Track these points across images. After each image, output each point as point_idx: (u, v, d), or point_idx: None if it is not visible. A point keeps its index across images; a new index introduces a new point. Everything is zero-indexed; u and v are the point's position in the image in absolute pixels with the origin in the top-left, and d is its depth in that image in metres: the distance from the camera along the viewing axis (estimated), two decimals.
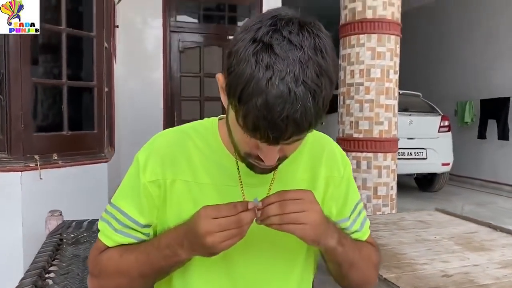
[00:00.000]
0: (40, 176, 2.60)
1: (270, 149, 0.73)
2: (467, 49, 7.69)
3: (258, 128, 0.66)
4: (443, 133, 6.24)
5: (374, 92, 3.09)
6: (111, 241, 0.88)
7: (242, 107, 0.66)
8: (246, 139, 0.73)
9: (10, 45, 2.51)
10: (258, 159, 0.76)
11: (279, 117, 0.64)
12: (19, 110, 2.55)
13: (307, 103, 0.64)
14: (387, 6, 3.06)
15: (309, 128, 0.68)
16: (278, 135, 0.67)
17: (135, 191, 0.88)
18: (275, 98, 0.63)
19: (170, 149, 0.88)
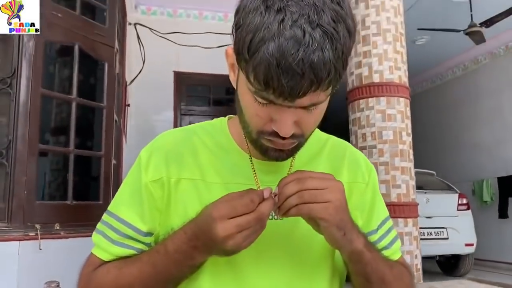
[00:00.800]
0: (39, 247, 2.46)
1: (284, 114, 0.64)
2: (474, 128, 7.73)
3: (271, 78, 0.58)
4: (463, 211, 6.01)
5: (388, 155, 3.00)
6: (107, 254, 0.77)
7: (252, 59, 0.59)
8: (258, 110, 0.65)
9: (20, 111, 2.52)
10: (273, 135, 0.67)
11: (293, 60, 0.56)
12: (23, 176, 2.49)
13: (324, 47, 0.57)
14: (393, 70, 3.10)
15: (328, 77, 0.59)
16: (294, 84, 0.58)
17: (135, 194, 0.79)
18: (288, 41, 0.56)
19: (175, 146, 0.81)
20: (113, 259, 0.77)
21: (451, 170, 7.92)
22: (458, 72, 8.25)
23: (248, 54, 0.59)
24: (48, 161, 2.88)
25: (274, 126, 0.65)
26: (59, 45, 2.89)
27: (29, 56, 2.57)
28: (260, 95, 0.63)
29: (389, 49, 3.10)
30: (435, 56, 7.80)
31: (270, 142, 0.69)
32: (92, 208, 2.92)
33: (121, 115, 3.56)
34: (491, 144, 7.36)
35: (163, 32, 4.35)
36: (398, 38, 3.17)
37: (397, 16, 3.18)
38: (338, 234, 0.68)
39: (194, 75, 5.24)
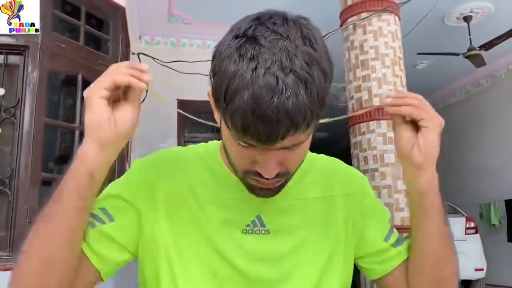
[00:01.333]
0: None
1: (267, 156, 0.64)
2: (478, 151, 7.70)
3: (247, 126, 0.59)
4: (471, 235, 5.93)
5: (390, 178, 2.99)
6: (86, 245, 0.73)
7: (228, 107, 0.60)
8: (241, 152, 0.66)
9: (23, 141, 2.55)
10: (258, 176, 0.67)
11: (268, 107, 0.57)
12: (25, 205, 2.49)
13: (298, 92, 0.58)
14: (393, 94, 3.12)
15: (304, 122, 0.59)
16: (271, 130, 0.59)
17: (114, 185, 0.80)
18: (262, 88, 0.57)
19: (169, 161, 0.83)
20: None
21: (457, 193, 7.84)
22: (460, 96, 8.28)
23: (224, 102, 0.60)
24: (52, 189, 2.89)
25: (258, 167, 0.66)
26: (63, 74, 2.94)
27: (33, 86, 2.62)
28: (240, 139, 0.63)
29: (388, 73, 3.13)
30: (437, 80, 7.85)
31: (256, 181, 0.69)
32: None
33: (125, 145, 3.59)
34: (497, 167, 7.31)
35: (166, 61, 4.42)
36: (397, 62, 3.20)
37: (395, 41, 3.22)
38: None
39: (197, 102, 5.28)
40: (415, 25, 4.65)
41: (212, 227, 0.77)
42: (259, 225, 0.78)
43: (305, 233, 0.80)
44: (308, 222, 0.81)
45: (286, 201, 0.80)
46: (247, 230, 0.78)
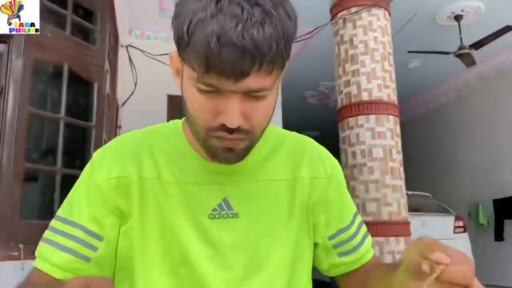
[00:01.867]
0: (22, 267, 2.40)
1: (229, 102, 0.62)
2: (469, 151, 7.77)
3: (211, 55, 0.56)
4: (459, 234, 5.97)
5: (378, 173, 2.98)
6: (48, 264, 0.72)
7: (192, 41, 0.58)
8: (203, 103, 0.63)
9: (6, 129, 2.51)
10: (221, 130, 0.64)
11: (233, 33, 0.55)
12: (8, 195, 2.45)
13: (263, 23, 0.57)
14: (382, 88, 3.12)
15: (269, 53, 0.57)
16: (235, 59, 0.56)
17: (84, 193, 0.75)
18: (227, 17, 0.56)
19: (132, 146, 0.78)
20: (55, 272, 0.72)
21: (447, 193, 7.90)
22: (452, 96, 8.34)
23: (187, 35, 0.58)
24: (34, 180, 2.84)
25: (221, 118, 0.63)
26: (48, 64, 2.90)
27: (17, 74, 2.57)
28: (203, 82, 0.61)
29: (377, 68, 3.13)
30: (428, 80, 7.90)
31: (219, 141, 0.66)
32: None
33: (111, 137, 3.55)
34: (486, 167, 7.37)
35: (154, 54, 4.39)
36: (386, 57, 3.20)
37: (384, 36, 3.22)
38: None
39: None
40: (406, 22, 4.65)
41: (176, 215, 0.74)
42: (226, 208, 0.75)
43: (273, 216, 0.77)
44: (274, 205, 0.78)
45: (251, 182, 0.77)
46: (214, 214, 0.74)
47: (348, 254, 0.82)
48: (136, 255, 0.73)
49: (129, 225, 0.74)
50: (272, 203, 0.78)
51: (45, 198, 2.83)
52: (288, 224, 0.78)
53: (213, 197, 0.75)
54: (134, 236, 0.74)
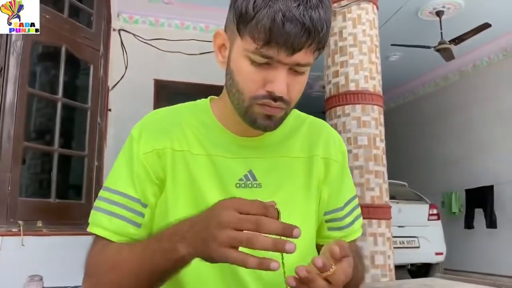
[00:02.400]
0: (22, 243, 2.48)
1: (281, 73, 0.72)
2: (444, 142, 8.01)
3: (277, 27, 0.67)
4: (433, 221, 6.21)
5: (362, 159, 3.14)
6: (104, 230, 0.80)
7: (257, 15, 0.68)
8: (253, 74, 0.73)
9: (6, 109, 2.56)
10: (267, 98, 0.74)
11: (296, 11, 0.67)
12: (8, 172, 2.51)
13: (319, 8, 0.69)
14: (368, 80, 3.27)
15: (322, 32, 0.69)
16: (297, 33, 0.67)
17: (128, 166, 0.84)
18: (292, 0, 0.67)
19: (164, 122, 0.87)
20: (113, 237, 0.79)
21: (422, 182, 8.15)
22: (429, 89, 8.57)
23: (253, 11, 0.68)
24: (33, 159, 2.90)
25: (269, 87, 0.73)
26: (46, 46, 2.94)
27: (16, 55, 2.62)
28: (261, 53, 0.70)
29: (365, 60, 3.27)
30: (408, 72, 8.10)
31: (261, 108, 0.75)
32: (74, 207, 2.95)
33: (103, 118, 3.61)
34: (460, 158, 7.63)
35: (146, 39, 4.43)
36: (373, 50, 3.35)
37: (372, 29, 3.36)
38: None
39: (174, 83, 5.31)
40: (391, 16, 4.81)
41: (206, 184, 0.82)
42: (251, 179, 0.85)
43: (291, 188, 0.87)
44: (293, 178, 0.88)
45: (273, 158, 0.87)
46: (240, 184, 0.84)
47: (336, 231, 0.94)
48: (171, 219, 0.81)
49: (164, 192, 0.84)
50: (291, 177, 0.88)
51: (43, 177, 2.89)
52: (305, 196, 0.89)
53: (240, 169, 0.84)
54: (168, 202, 0.83)
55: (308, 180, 0.89)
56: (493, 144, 7.06)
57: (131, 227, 0.81)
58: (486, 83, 7.26)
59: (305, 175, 0.89)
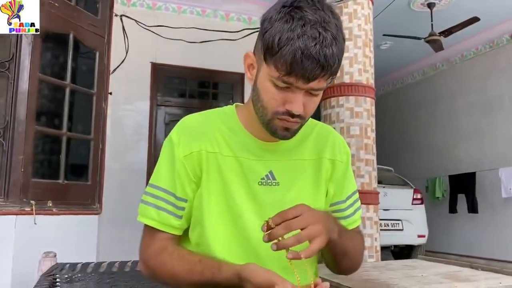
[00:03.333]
0: (34, 221, 2.63)
1: (299, 96, 0.86)
2: (430, 129, 8.21)
3: (296, 63, 0.80)
4: (417, 205, 6.46)
5: (354, 148, 3.33)
6: (153, 221, 0.97)
7: (281, 51, 0.81)
8: (276, 94, 0.88)
9: (18, 94, 2.68)
10: (285, 114, 0.89)
11: (313, 50, 0.80)
12: (20, 154, 2.65)
13: (333, 45, 0.82)
14: (362, 73, 3.43)
15: (334, 66, 0.83)
16: (312, 68, 0.81)
17: (170, 167, 0.98)
18: (309, 38, 0.80)
19: (198, 126, 1.01)
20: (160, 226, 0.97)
21: (408, 167, 8.38)
22: (418, 77, 8.73)
23: (278, 47, 0.82)
24: (43, 142, 3.03)
25: (288, 106, 0.88)
26: (55, 33, 3.04)
27: (28, 41, 2.72)
28: (282, 80, 0.84)
29: (359, 53, 3.43)
30: (397, 61, 8.25)
31: (281, 122, 0.90)
32: (81, 188, 3.10)
33: (105, 103, 3.73)
34: (445, 145, 7.85)
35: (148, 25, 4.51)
36: (367, 44, 3.50)
37: (367, 24, 3.51)
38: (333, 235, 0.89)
39: (171, 67, 5.40)
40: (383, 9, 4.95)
41: (233, 181, 0.98)
42: (271, 178, 1.00)
43: (303, 186, 1.03)
44: (304, 178, 1.04)
45: (289, 160, 1.02)
46: (262, 182, 0.99)
47: (339, 219, 1.06)
48: (205, 210, 0.98)
49: (200, 188, 0.99)
50: (303, 176, 1.04)
51: (53, 159, 3.03)
52: (314, 192, 1.05)
53: (262, 169, 1.00)
54: (203, 196, 0.98)
55: (317, 179, 1.06)
56: (476, 132, 7.28)
57: (174, 219, 0.98)
58: (473, 74, 7.43)
59: (314, 174, 1.05)
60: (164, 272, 0.95)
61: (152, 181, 1.01)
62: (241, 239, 0.98)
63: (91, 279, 2.21)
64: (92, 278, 2.22)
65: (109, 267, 2.38)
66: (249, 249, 0.98)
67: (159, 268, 0.96)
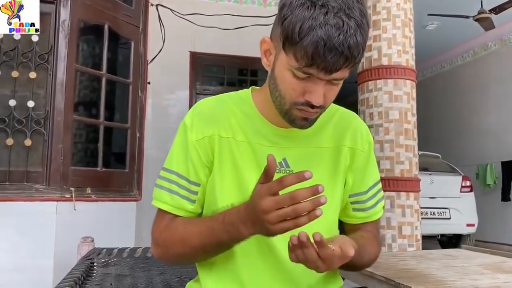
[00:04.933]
0: (74, 207, 2.73)
1: (318, 87, 0.82)
2: (481, 113, 7.85)
3: (318, 55, 0.75)
4: (465, 193, 6.20)
5: (393, 133, 3.20)
6: (168, 205, 0.96)
7: (302, 41, 0.76)
8: (295, 84, 0.83)
9: (57, 85, 2.77)
10: (305, 105, 0.84)
11: (336, 42, 0.74)
12: (60, 144, 2.74)
13: (357, 34, 0.76)
14: (401, 54, 3.28)
15: (357, 56, 0.78)
16: (335, 60, 0.76)
17: (183, 150, 0.96)
18: (332, 27, 0.74)
19: (211, 111, 0.98)
20: (174, 210, 0.96)
21: (457, 153, 8.06)
22: (467, 58, 8.34)
23: (298, 37, 0.76)
24: (81, 131, 3.13)
25: (308, 97, 0.83)
26: (91, 24, 3.11)
27: (65, 34, 2.80)
28: (303, 70, 0.79)
29: (398, 34, 3.27)
30: (445, 41, 7.90)
31: (300, 112, 0.86)
32: (119, 175, 3.18)
33: (144, 92, 3.79)
34: (497, 130, 7.48)
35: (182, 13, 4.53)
36: (407, 24, 3.34)
37: (406, 3, 3.34)
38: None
39: (209, 55, 5.42)
40: None
41: (247, 167, 0.94)
42: (285, 166, 0.95)
43: (319, 175, 0.96)
44: (321, 167, 0.98)
45: (306, 148, 0.97)
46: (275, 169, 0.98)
47: (360, 211, 1.06)
48: (218, 195, 0.95)
49: (212, 172, 0.96)
50: (320, 165, 0.98)
51: (90, 147, 3.12)
52: (332, 182, 0.99)
53: (276, 156, 0.93)
54: (215, 181, 0.95)
55: (335, 168, 1.00)
56: None
57: (187, 203, 0.96)
58: None
59: (333, 163, 1.00)
60: (176, 242, 0.93)
61: (165, 165, 0.99)
62: None
63: (126, 263, 2.27)
64: (127, 262, 2.28)
65: (144, 252, 2.44)
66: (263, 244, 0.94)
67: (169, 239, 0.94)
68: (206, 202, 0.99)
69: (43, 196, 2.65)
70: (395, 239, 3.14)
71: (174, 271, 2.15)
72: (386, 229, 3.17)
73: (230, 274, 0.95)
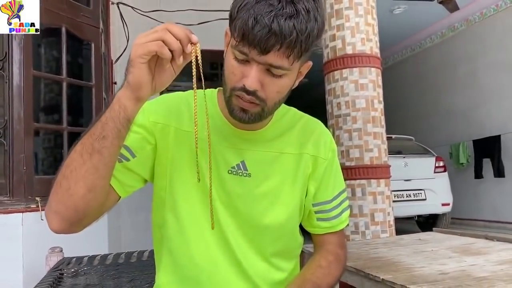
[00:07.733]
0: (41, 217, 2.66)
1: (253, 69, 0.79)
2: (451, 93, 7.97)
3: (247, 29, 0.75)
4: (439, 173, 6.31)
5: (361, 121, 3.22)
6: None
7: (237, 17, 0.77)
8: (235, 68, 0.81)
9: (14, 93, 2.68)
10: (241, 90, 0.81)
11: (265, 16, 0.74)
12: (21, 153, 2.67)
13: (294, 18, 0.75)
14: (365, 42, 3.28)
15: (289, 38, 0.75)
16: (262, 35, 0.74)
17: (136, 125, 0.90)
18: (265, 5, 0.74)
19: (175, 103, 0.96)
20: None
21: (429, 134, 8.19)
22: (436, 40, 8.43)
23: (236, 13, 0.77)
24: (43, 138, 3.05)
25: (244, 80, 0.80)
26: (47, 27, 3.01)
27: (19, 39, 2.71)
28: (238, 49, 0.78)
29: (361, 22, 3.27)
30: (413, 24, 7.97)
31: (237, 100, 0.83)
32: None
33: (109, 93, 3.71)
34: (467, 109, 7.61)
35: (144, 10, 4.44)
36: (369, 11, 3.34)
37: None
38: None
39: None
40: None
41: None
42: (242, 168, 0.95)
43: (278, 181, 0.97)
44: (281, 172, 0.97)
45: (266, 152, 0.96)
46: (232, 171, 0.94)
47: (324, 221, 1.05)
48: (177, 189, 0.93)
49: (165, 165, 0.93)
50: (279, 170, 0.98)
51: (54, 155, 3.04)
52: (291, 188, 0.99)
53: (234, 158, 0.94)
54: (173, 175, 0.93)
55: (295, 175, 0.99)
56: (499, 93, 7.02)
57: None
58: (494, 32, 7.12)
59: (293, 170, 0.99)
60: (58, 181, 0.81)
61: None
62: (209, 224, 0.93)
63: (96, 272, 2.23)
64: (97, 271, 2.24)
65: (115, 258, 2.40)
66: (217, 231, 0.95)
67: (54, 184, 0.82)
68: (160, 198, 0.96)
69: (7, 208, 2.58)
70: (368, 226, 3.17)
71: (144, 277, 2.13)
72: (358, 217, 3.20)
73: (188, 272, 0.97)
